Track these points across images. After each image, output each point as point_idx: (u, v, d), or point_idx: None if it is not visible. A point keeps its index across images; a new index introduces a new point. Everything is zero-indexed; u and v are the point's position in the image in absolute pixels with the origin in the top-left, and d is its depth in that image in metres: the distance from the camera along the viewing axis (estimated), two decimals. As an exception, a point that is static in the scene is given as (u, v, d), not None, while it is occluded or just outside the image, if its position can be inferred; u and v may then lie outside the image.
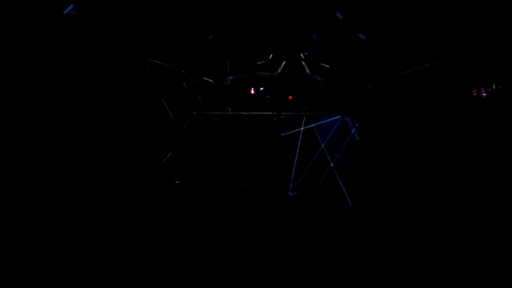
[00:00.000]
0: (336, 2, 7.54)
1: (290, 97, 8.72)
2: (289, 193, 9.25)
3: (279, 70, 8.41)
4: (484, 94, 7.80)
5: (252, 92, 8.80)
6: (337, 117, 9.57)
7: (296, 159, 9.58)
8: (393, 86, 8.39)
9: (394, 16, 7.34)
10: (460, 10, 6.86)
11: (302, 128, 9.64)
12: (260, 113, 9.00)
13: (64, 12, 7.26)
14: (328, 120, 9.64)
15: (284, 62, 8.31)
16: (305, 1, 7.40)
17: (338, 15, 7.71)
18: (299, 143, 9.64)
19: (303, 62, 8.41)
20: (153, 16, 7.27)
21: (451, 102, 7.91)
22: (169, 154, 8.36)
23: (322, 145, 9.45)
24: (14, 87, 7.06)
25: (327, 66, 8.41)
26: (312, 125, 9.53)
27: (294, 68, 8.49)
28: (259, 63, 8.33)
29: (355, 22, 7.70)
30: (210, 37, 7.89)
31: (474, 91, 7.87)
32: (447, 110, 7.97)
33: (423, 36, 7.48)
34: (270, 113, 8.95)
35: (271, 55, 8.23)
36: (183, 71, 8.19)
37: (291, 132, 9.60)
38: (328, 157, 9.42)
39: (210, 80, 8.32)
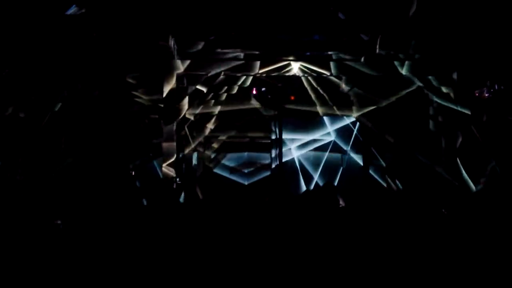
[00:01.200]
0: (338, 2, 7.55)
1: (292, 97, 8.75)
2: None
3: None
4: (486, 95, 7.79)
5: (254, 92, 8.82)
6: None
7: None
8: (396, 84, 8.40)
9: (396, 15, 7.35)
10: (463, 9, 6.86)
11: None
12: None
13: (67, 13, 7.29)
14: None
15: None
16: (307, 1, 7.41)
17: (340, 15, 7.72)
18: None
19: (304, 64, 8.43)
20: (156, 15, 7.29)
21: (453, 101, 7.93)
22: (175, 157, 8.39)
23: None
24: (16, 86, 7.12)
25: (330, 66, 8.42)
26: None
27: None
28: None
29: (357, 22, 7.71)
30: (212, 37, 7.91)
31: (476, 91, 7.86)
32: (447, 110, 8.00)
33: (424, 36, 7.48)
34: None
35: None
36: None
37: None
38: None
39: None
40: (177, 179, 8.38)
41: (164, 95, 7.85)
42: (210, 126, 9.16)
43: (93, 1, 7.10)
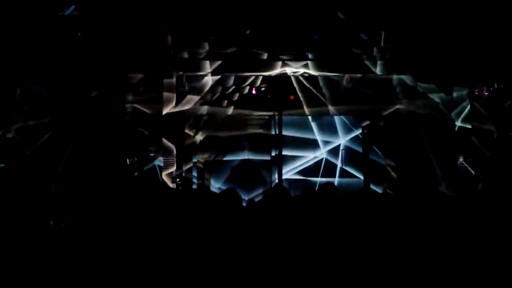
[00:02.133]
0: (338, 2, 7.55)
1: (291, 97, 8.73)
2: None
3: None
4: (485, 93, 7.79)
5: (254, 92, 8.80)
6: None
7: None
8: (395, 84, 8.40)
9: (396, 15, 7.35)
10: (462, 9, 6.86)
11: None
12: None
13: (66, 13, 7.30)
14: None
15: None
16: (306, 1, 7.40)
17: (340, 15, 7.72)
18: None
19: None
20: (155, 16, 7.29)
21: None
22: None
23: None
24: (15, 87, 7.13)
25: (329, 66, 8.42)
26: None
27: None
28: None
29: (357, 21, 7.71)
30: (211, 37, 7.89)
31: (476, 90, 7.86)
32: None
33: (424, 35, 7.48)
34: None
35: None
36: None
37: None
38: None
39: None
40: (177, 180, 8.37)
41: (164, 95, 7.87)
42: (210, 127, 9.13)
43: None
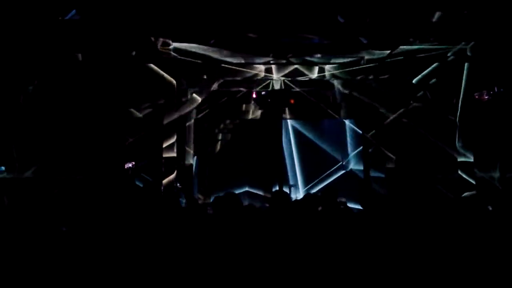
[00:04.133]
0: (338, 6, 7.55)
1: (292, 101, 8.75)
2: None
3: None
4: (486, 97, 7.79)
5: (254, 96, 8.81)
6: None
7: None
8: (395, 87, 8.42)
9: (395, 18, 7.35)
10: (462, 10, 6.86)
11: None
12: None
13: (66, 18, 7.29)
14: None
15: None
16: (306, 4, 7.40)
17: (340, 18, 7.72)
18: None
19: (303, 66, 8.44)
20: (156, 19, 7.28)
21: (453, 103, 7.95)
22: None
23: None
24: (15, 90, 7.13)
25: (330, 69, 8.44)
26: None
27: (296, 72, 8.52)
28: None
29: (357, 25, 7.71)
30: (212, 41, 7.89)
31: (476, 94, 7.86)
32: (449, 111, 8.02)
33: (424, 37, 7.49)
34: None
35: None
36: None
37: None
38: None
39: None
40: (177, 184, 8.35)
41: (164, 98, 7.87)
42: (211, 130, 9.14)
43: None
